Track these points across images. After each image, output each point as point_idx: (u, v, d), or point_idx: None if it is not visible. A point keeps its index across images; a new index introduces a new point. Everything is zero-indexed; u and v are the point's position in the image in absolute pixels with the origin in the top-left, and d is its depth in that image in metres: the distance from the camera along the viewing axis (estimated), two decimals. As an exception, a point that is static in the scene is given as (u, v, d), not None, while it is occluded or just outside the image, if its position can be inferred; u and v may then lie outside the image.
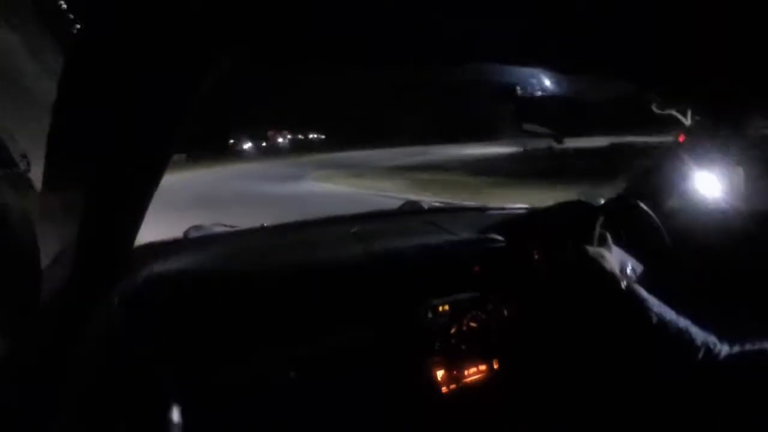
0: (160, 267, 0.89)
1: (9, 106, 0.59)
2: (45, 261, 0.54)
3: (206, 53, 0.46)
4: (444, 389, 1.05)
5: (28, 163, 0.50)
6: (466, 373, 1.08)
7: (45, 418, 0.42)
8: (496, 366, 1.12)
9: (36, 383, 0.45)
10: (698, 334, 0.74)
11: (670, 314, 0.78)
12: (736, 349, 0.71)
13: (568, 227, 0.98)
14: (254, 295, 0.89)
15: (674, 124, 1.17)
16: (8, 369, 0.44)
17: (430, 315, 1.03)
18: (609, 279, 0.84)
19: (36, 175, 0.51)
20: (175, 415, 0.64)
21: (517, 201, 1.61)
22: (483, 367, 1.10)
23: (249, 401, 0.88)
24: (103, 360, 0.58)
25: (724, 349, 0.72)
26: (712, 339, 0.74)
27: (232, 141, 39.45)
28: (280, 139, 45.21)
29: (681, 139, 1.21)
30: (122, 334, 0.69)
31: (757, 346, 0.69)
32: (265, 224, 1.23)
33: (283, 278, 0.93)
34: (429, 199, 2.83)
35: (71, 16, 0.44)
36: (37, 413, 0.42)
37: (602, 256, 0.88)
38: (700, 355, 0.71)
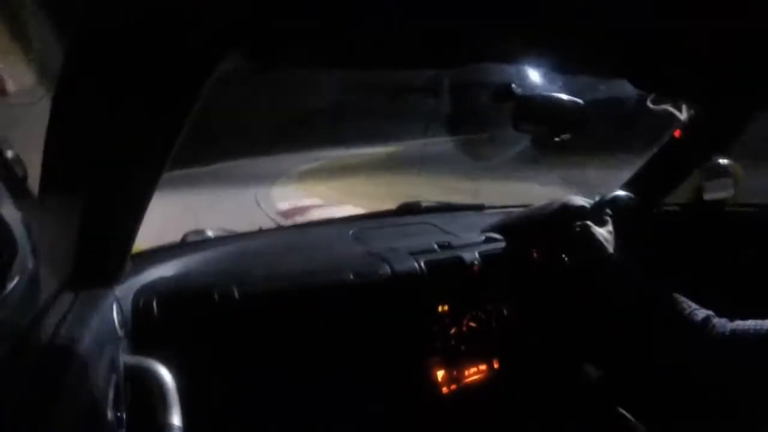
0: (158, 271, 0.89)
1: (4, 110, 0.58)
2: (43, 264, 0.54)
3: (206, 54, 0.46)
4: (444, 389, 1.05)
5: (25, 169, 0.49)
6: (466, 373, 1.08)
7: (44, 419, 0.42)
8: (496, 366, 1.12)
9: (35, 384, 0.45)
10: (698, 308, 0.75)
11: (667, 291, 0.79)
12: (737, 322, 0.71)
13: (567, 225, 0.98)
14: (252, 298, 0.88)
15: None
16: (7, 370, 0.44)
17: (430, 315, 1.03)
18: (608, 258, 0.86)
19: (33, 179, 0.51)
20: (176, 417, 0.64)
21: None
22: (483, 367, 1.10)
23: (249, 402, 0.87)
24: (102, 363, 0.57)
25: (723, 323, 0.72)
26: (711, 312, 0.74)
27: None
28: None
29: (677, 134, 1.21)
30: (121, 337, 0.69)
31: (758, 321, 0.69)
32: (262, 227, 1.23)
33: (281, 280, 0.93)
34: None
35: (68, 17, 0.43)
36: (36, 414, 0.42)
37: (604, 237, 0.90)
38: (700, 328, 0.72)
